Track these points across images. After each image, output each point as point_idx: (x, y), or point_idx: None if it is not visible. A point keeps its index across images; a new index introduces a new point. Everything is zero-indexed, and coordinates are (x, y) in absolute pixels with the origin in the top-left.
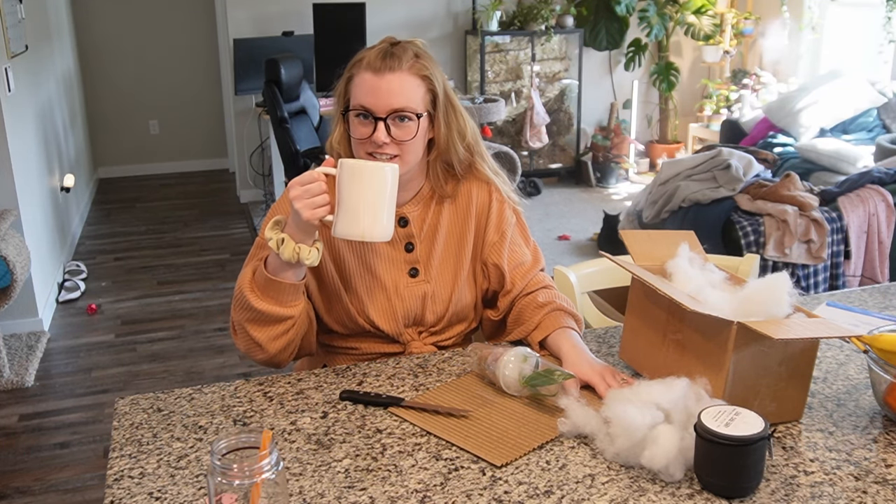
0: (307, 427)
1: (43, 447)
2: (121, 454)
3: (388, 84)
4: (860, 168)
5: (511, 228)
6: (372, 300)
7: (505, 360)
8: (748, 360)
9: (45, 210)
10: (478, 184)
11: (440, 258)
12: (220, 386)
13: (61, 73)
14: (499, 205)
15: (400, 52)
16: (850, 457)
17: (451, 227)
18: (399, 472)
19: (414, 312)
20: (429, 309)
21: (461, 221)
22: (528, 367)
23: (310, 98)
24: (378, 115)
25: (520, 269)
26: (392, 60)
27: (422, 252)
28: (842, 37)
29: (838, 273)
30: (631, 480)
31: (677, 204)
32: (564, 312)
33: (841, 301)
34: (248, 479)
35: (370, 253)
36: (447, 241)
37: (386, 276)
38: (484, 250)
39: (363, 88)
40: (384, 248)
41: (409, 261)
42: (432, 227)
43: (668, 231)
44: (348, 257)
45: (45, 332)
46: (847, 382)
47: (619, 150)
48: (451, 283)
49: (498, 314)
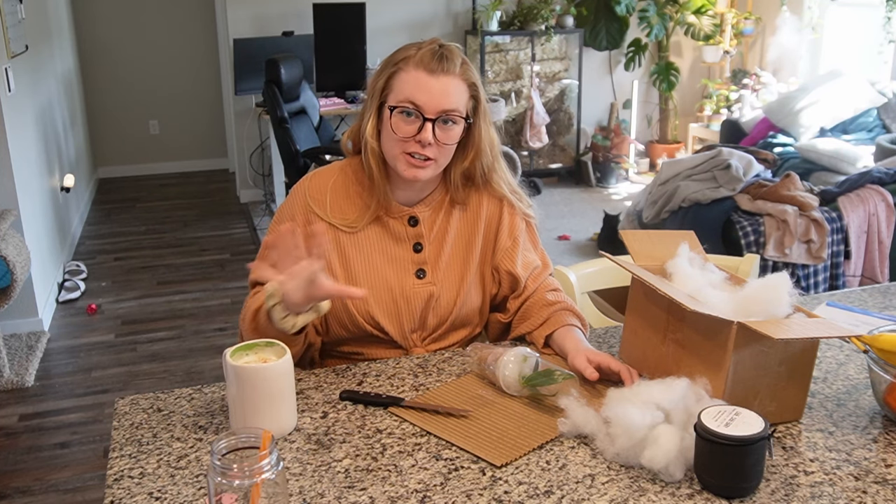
0: (307, 427)
1: (43, 447)
2: (121, 454)
3: (443, 86)
4: (860, 168)
5: (522, 234)
6: (377, 300)
7: (505, 360)
8: (748, 360)
9: (45, 210)
10: (489, 196)
11: (448, 261)
12: (220, 386)
13: (61, 73)
14: (510, 213)
15: (450, 55)
16: (849, 457)
17: (459, 232)
18: (399, 472)
19: (418, 315)
20: (433, 312)
21: (470, 226)
22: (527, 368)
23: (310, 98)
24: (427, 114)
25: (533, 273)
26: (446, 63)
27: (430, 254)
28: (842, 37)
29: (838, 273)
30: (631, 480)
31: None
32: (572, 313)
33: (841, 301)
34: (248, 479)
35: (377, 253)
36: (455, 244)
37: (392, 276)
38: (496, 256)
39: (414, 85)
40: (391, 248)
41: (417, 262)
42: (442, 230)
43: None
44: (353, 256)
45: (45, 332)
46: (847, 382)
47: (619, 150)
48: (457, 287)
49: (507, 316)
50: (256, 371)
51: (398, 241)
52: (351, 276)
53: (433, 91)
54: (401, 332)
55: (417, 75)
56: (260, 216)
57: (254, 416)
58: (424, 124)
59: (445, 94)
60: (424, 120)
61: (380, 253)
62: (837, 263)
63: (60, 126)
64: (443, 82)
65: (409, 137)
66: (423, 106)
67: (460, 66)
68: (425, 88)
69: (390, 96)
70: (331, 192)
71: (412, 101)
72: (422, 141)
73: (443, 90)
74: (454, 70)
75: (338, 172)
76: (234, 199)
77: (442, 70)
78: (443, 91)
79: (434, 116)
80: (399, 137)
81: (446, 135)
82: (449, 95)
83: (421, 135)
